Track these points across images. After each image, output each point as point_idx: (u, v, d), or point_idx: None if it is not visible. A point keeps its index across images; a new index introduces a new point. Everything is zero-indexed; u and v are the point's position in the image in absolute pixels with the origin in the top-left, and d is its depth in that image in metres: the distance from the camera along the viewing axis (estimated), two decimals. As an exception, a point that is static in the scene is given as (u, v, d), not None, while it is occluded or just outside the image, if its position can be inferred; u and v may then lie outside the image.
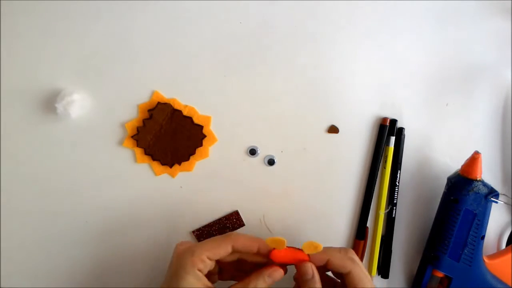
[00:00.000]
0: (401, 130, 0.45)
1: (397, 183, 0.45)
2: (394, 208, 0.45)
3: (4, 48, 0.43)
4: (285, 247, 0.37)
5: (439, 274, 0.43)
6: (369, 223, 0.46)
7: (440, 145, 0.46)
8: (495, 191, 0.41)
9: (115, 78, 0.44)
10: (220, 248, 0.36)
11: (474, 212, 0.41)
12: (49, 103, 0.43)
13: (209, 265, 0.36)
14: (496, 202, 0.41)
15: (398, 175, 0.45)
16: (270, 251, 0.37)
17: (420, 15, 0.45)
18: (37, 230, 0.45)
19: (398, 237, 0.46)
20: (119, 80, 0.44)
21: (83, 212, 0.45)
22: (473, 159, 0.41)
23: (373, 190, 0.45)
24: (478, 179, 0.41)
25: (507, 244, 0.46)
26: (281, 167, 0.45)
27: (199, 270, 0.35)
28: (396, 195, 0.45)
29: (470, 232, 0.41)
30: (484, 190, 0.41)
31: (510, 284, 0.43)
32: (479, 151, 0.41)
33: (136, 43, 0.44)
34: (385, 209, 0.45)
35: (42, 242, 0.45)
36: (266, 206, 0.45)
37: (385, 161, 0.45)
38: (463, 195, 0.41)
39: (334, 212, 0.46)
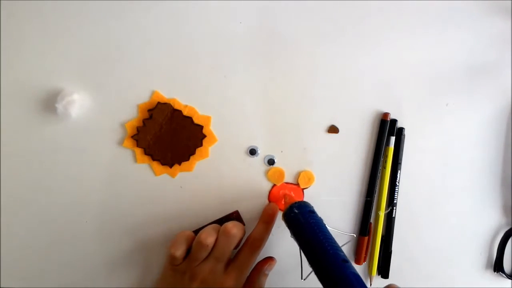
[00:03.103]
0: (401, 130, 0.45)
1: (397, 183, 0.45)
2: (394, 208, 0.45)
3: (4, 48, 0.43)
4: (283, 181, 0.44)
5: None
6: (369, 223, 0.46)
7: (440, 145, 0.46)
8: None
9: (115, 78, 0.44)
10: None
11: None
12: (49, 103, 0.43)
13: None
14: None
15: (398, 175, 0.45)
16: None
17: (420, 15, 0.44)
18: (37, 230, 0.45)
19: (398, 237, 0.46)
20: (119, 80, 0.44)
21: (83, 211, 0.45)
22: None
23: (373, 190, 0.45)
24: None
25: (500, 246, 0.46)
26: (281, 167, 0.45)
27: None
28: (396, 195, 0.45)
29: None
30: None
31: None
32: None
33: (136, 43, 0.44)
34: (385, 210, 0.45)
35: (42, 242, 0.45)
36: (266, 206, 0.45)
37: (385, 161, 0.45)
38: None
39: (335, 210, 0.46)
